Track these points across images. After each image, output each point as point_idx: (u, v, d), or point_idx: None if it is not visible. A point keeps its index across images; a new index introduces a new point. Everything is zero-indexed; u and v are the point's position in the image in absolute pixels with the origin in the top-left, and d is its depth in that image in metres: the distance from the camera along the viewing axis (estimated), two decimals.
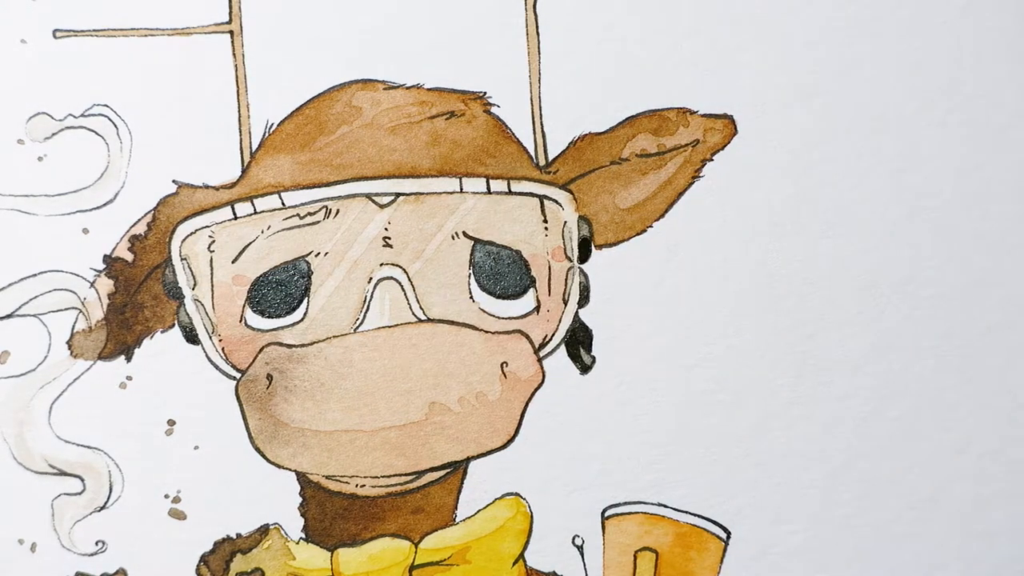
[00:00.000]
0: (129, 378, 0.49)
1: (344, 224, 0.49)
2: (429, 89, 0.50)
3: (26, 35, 0.49)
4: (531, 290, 0.50)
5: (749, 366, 0.51)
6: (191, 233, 0.49)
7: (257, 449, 0.49)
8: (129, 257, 0.49)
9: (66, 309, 0.49)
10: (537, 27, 0.50)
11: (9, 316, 0.49)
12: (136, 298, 0.49)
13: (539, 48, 0.50)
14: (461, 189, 0.49)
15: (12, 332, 0.49)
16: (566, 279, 0.50)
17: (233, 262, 0.49)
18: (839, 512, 0.51)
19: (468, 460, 0.50)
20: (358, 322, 0.49)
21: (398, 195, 0.49)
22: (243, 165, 0.49)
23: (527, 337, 0.50)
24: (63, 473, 0.49)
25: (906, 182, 0.51)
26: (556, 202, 0.50)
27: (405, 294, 0.49)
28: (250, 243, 0.49)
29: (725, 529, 0.51)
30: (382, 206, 0.49)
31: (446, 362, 0.49)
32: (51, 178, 0.49)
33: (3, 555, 0.49)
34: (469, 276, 0.50)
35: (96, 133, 0.49)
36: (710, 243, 0.51)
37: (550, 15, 0.50)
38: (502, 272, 0.50)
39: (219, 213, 0.49)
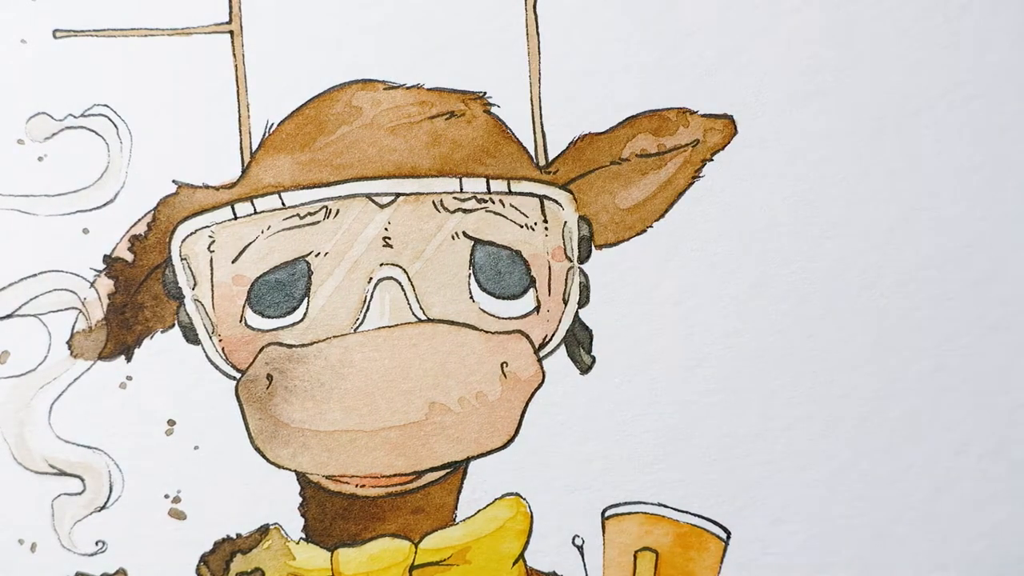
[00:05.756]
0: (129, 378, 0.49)
1: (344, 224, 0.49)
2: (429, 89, 0.50)
3: (26, 35, 0.49)
4: (531, 290, 0.50)
5: (749, 366, 0.51)
6: (191, 233, 0.49)
7: (257, 449, 0.49)
8: (129, 257, 0.49)
9: (66, 309, 0.49)
10: (537, 27, 0.50)
11: (9, 316, 0.49)
12: (136, 298, 0.49)
13: (539, 48, 0.50)
14: (461, 189, 0.49)
15: (12, 332, 0.49)
16: (566, 279, 0.50)
17: (233, 262, 0.49)
18: (839, 512, 0.51)
19: (468, 460, 0.50)
20: (358, 322, 0.49)
21: (398, 195, 0.49)
22: (243, 165, 0.49)
23: (527, 337, 0.50)
24: (63, 473, 0.49)
25: (906, 182, 0.51)
26: (556, 202, 0.50)
27: (405, 294, 0.49)
28: (250, 243, 0.49)
29: (725, 529, 0.51)
30: (382, 206, 0.49)
31: (446, 362, 0.49)
32: (51, 178, 0.49)
33: (3, 555, 0.49)
34: (469, 276, 0.50)
35: (96, 133, 0.49)
36: (710, 243, 0.51)
37: (550, 15, 0.50)
38: (502, 272, 0.50)
39: (219, 213, 0.49)
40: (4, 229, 0.49)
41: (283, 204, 0.49)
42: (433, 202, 0.49)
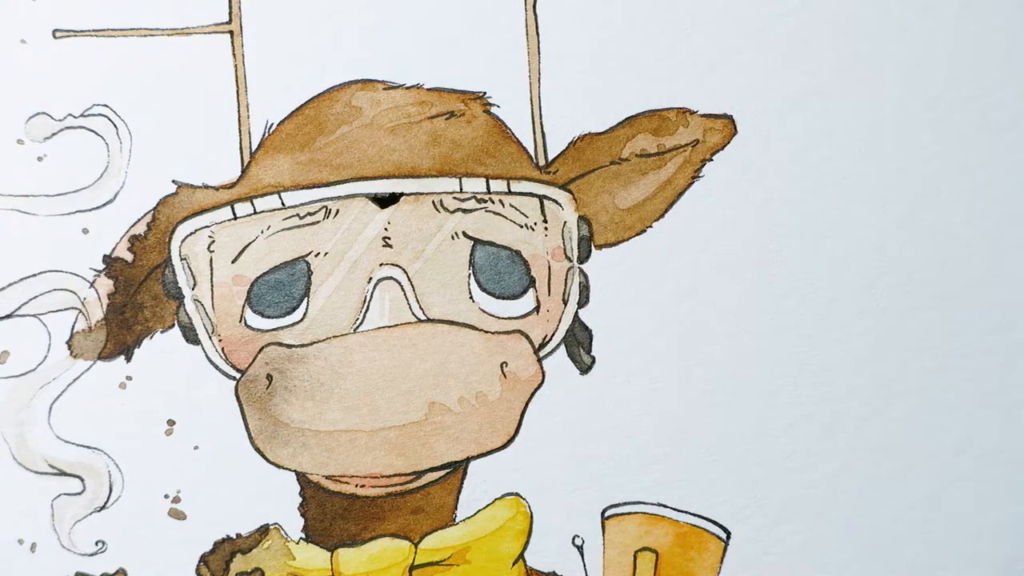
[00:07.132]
0: (129, 378, 0.49)
1: (344, 224, 0.49)
2: (429, 89, 0.50)
3: (26, 35, 0.49)
4: (531, 290, 0.50)
5: (749, 366, 0.51)
6: (191, 233, 0.49)
7: (257, 449, 0.49)
8: (129, 257, 0.49)
9: (66, 309, 0.49)
10: (537, 27, 0.50)
11: (9, 316, 0.49)
12: (136, 298, 0.49)
13: (539, 48, 0.50)
14: (461, 189, 0.49)
15: (12, 332, 0.49)
16: (566, 279, 0.50)
17: (233, 262, 0.49)
18: (839, 512, 0.51)
19: (468, 460, 0.50)
20: (358, 322, 0.49)
21: (396, 195, 0.49)
22: (243, 165, 0.49)
23: (527, 337, 0.50)
24: (63, 473, 0.49)
25: (906, 182, 0.51)
26: (556, 202, 0.50)
27: (405, 294, 0.49)
28: (250, 243, 0.49)
29: (725, 529, 0.51)
30: (382, 206, 0.49)
31: (446, 362, 0.49)
32: (51, 178, 0.49)
33: (3, 555, 0.49)
34: (469, 276, 0.50)
35: (96, 133, 0.49)
36: (710, 243, 0.51)
37: (550, 15, 0.50)
38: (502, 272, 0.50)
39: (219, 213, 0.49)
40: (4, 229, 0.49)
41: (283, 204, 0.49)
42: (433, 202, 0.49)
